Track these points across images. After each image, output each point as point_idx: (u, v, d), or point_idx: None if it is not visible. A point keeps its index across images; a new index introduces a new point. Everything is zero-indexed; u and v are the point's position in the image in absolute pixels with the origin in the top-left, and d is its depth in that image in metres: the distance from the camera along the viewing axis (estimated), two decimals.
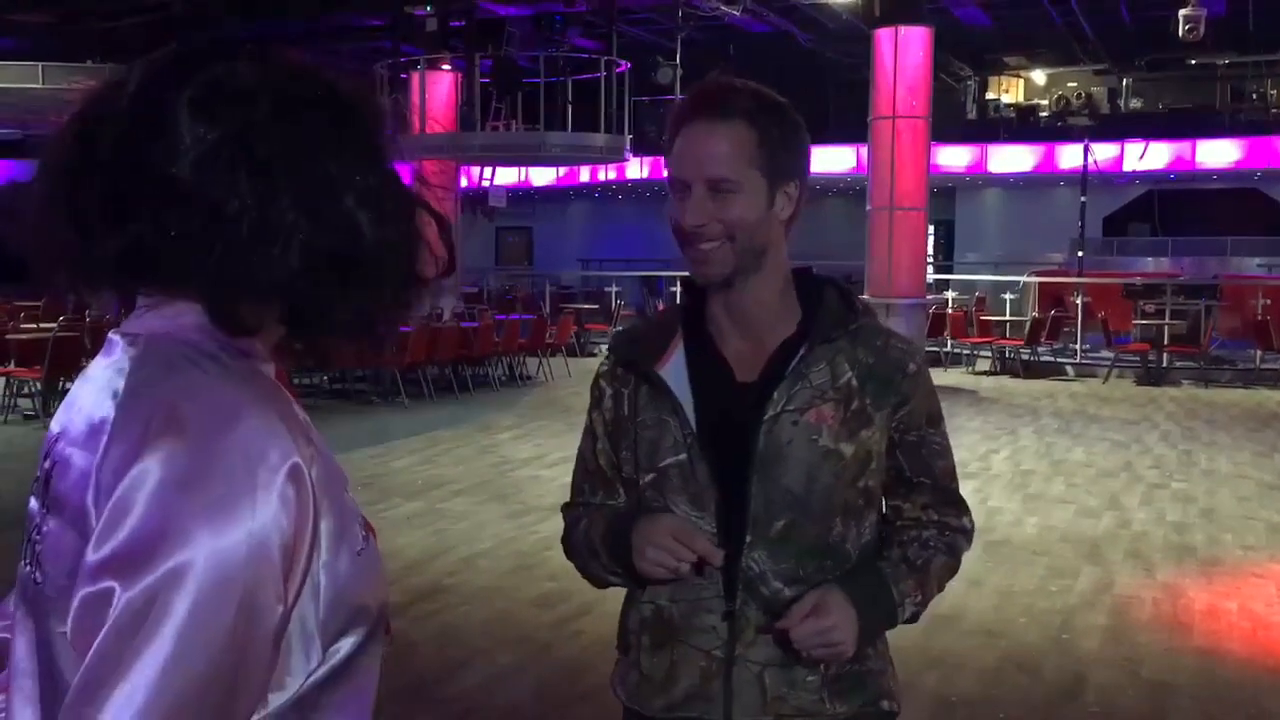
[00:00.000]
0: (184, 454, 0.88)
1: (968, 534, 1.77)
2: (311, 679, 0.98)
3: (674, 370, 1.68)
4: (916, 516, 1.74)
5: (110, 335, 1.02)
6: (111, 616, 0.85)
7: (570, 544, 1.82)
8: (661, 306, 18.90)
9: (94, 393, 0.98)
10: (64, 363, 10.05)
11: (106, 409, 0.95)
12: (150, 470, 0.88)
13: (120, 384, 0.96)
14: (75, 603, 0.88)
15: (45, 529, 0.98)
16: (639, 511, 1.68)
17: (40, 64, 17.21)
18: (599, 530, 1.72)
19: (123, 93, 0.96)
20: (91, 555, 0.87)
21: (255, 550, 0.88)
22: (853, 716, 1.67)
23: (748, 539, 1.63)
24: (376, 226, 0.98)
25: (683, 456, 1.65)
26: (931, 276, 18.43)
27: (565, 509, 1.85)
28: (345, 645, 1.00)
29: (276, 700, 0.95)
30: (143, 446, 0.89)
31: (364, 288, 0.99)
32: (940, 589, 1.74)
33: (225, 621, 0.86)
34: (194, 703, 0.85)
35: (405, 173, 1.09)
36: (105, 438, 0.93)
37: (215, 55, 0.97)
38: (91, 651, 0.85)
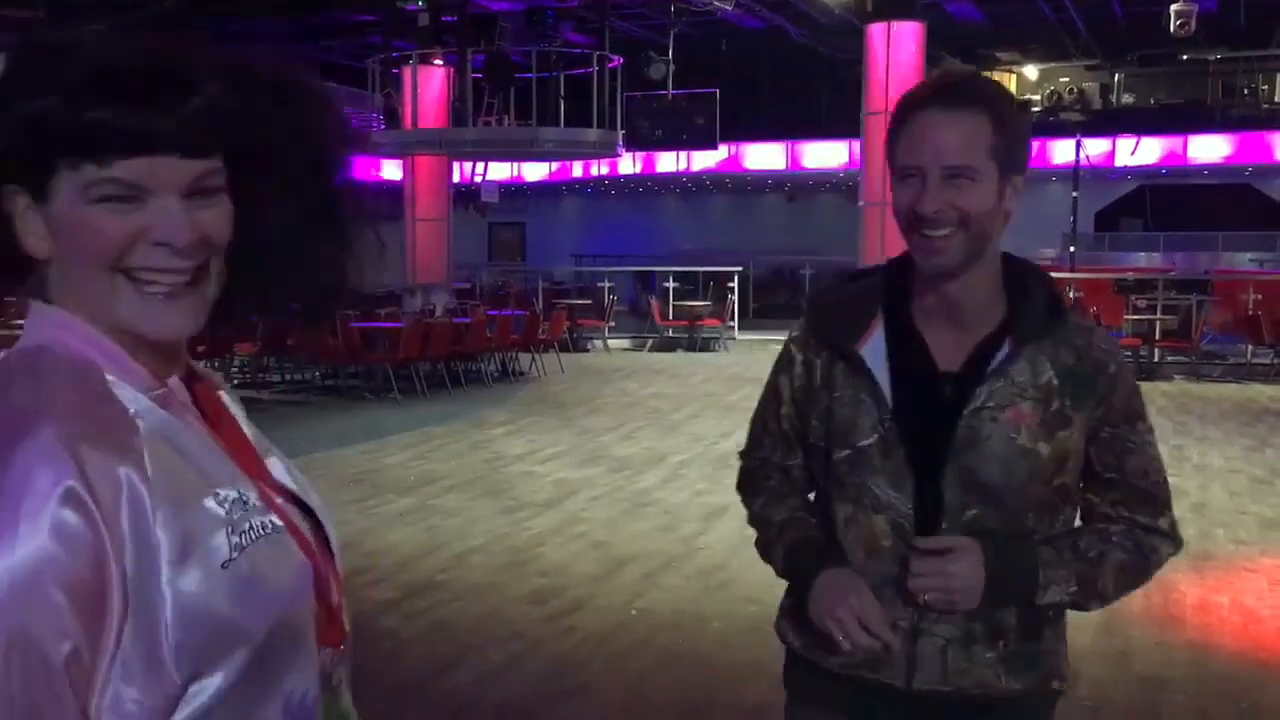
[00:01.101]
0: None
1: (1166, 536, 1.74)
2: (185, 712, 0.91)
3: (873, 350, 1.69)
4: (1105, 512, 1.73)
5: None
6: None
7: (752, 497, 1.88)
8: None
9: None
10: None
11: None
12: None
13: None
14: None
15: None
16: (828, 550, 1.72)
17: None
18: (785, 541, 1.78)
19: None
20: None
21: (17, 586, 0.83)
22: (1025, 692, 1.71)
23: (943, 525, 1.66)
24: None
25: (877, 437, 1.67)
26: None
27: (744, 456, 1.91)
28: (220, 673, 0.92)
29: None
30: None
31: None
32: (1119, 587, 1.71)
33: None
34: None
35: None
36: None
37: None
38: None
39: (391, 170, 20.04)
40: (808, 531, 1.77)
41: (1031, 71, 28.58)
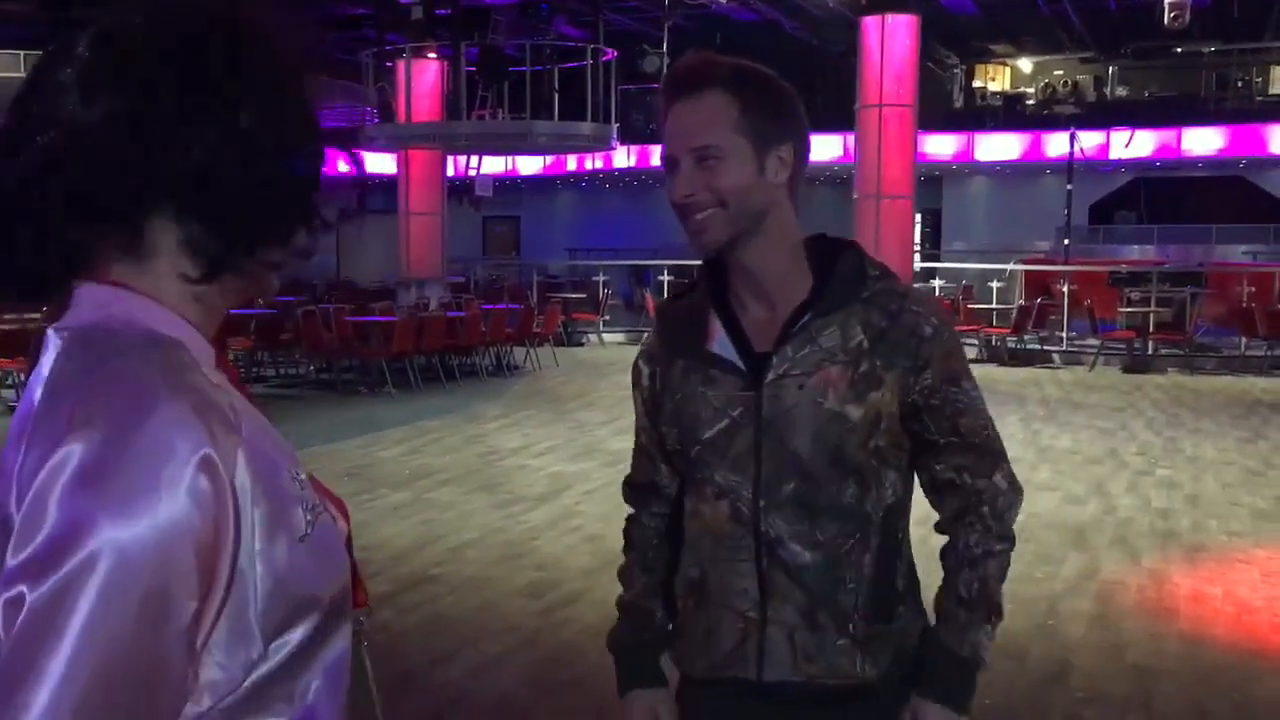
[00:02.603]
0: (91, 453, 0.87)
1: (1004, 493, 1.70)
2: (258, 673, 0.95)
3: (721, 346, 1.71)
4: (950, 479, 1.69)
5: (47, 331, 1.01)
6: (19, 621, 0.84)
7: (625, 548, 1.91)
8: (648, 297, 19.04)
9: (29, 392, 0.98)
10: None
11: (31, 409, 0.95)
12: (58, 471, 0.87)
13: (43, 383, 0.95)
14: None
15: None
16: (650, 653, 1.83)
17: (22, 53, 17.10)
18: (619, 628, 1.88)
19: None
20: (10, 560, 0.87)
21: (160, 546, 0.86)
22: (885, 678, 1.69)
23: (761, 503, 1.65)
24: (261, 152, 0.97)
25: (726, 423, 1.68)
26: (918, 265, 18.45)
27: (624, 483, 1.93)
28: (295, 636, 0.98)
29: (216, 696, 0.93)
30: (54, 448, 0.88)
31: (246, 210, 0.97)
32: (1003, 580, 1.71)
33: (129, 620, 0.85)
34: (101, 705, 0.83)
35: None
36: (26, 440, 0.92)
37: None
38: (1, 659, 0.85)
39: (385, 164, 20.00)
40: (638, 632, 1.85)
41: (1025, 64, 28.62)
